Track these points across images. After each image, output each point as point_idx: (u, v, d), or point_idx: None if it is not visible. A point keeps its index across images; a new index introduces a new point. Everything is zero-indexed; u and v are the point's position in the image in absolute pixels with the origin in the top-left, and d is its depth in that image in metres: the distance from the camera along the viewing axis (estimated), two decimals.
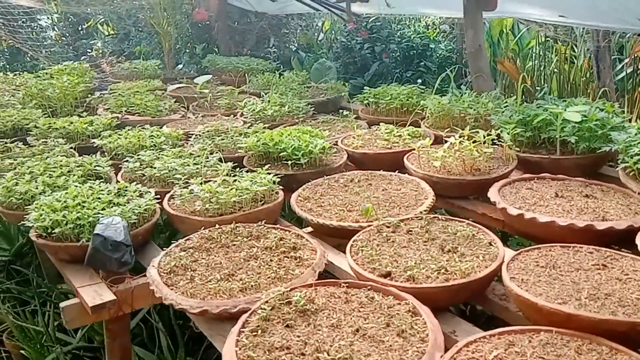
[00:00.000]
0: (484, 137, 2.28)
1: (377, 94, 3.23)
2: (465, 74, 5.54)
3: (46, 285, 3.14)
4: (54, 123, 3.08)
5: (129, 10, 8.79)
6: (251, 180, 2.25)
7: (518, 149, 2.40)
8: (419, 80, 5.49)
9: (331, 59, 6.30)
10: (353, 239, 1.81)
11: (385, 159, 2.58)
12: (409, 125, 2.90)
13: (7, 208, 2.28)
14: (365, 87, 3.39)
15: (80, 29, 11.13)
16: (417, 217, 1.92)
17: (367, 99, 3.27)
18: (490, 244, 1.70)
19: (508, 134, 2.33)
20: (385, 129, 2.85)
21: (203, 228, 1.98)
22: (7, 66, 10.92)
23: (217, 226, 1.99)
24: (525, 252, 1.64)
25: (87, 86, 3.84)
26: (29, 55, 10.28)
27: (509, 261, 1.58)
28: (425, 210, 2.02)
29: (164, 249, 1.96)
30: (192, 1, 7.34)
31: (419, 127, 2.94)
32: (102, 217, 1.96)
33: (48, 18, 11.16)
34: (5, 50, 10.97)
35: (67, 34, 10.79)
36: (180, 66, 7.38)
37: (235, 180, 2.29)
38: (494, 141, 2.33)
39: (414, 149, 2.54)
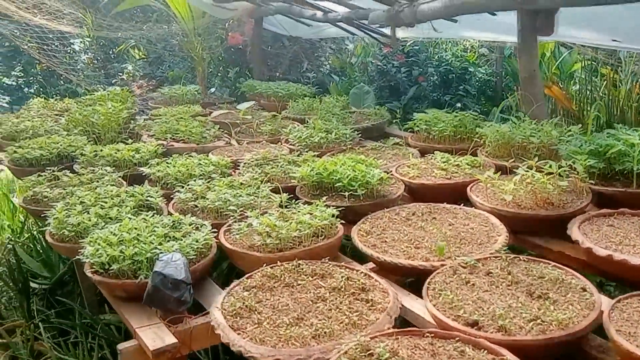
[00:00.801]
0: (557, 169, 2.15)
1: (429, 121, 3.12)
2: (506, 98, 5.41)
3: (89, 316, 3.07)
4: (101, 151, 3.05)
5: (161, 34, 8.91)
6: (310, 214, 2.16)
7: (591, 182, 2.26)
8: (458, 104, 5.39)
9: (365, 83, 6.24)
10: (429, 281, 1.69)
11: (446, 190, 2.47)
12: (464, 154, 2.79)
13: (58, 240, 2.22)
14: (402, 111, 3.31)
15: (111, 52, 11.35)
16: (495, 257, 1.79)
17: (418, 126, 3.16)
18: (584, 290, 1.56)
19: (581, 165, 2.20)
20: (441, 158, 2.74)
21: (265, 265, 1.88)
22: (41, 89, 11.16)
23: (278, 263, 1.89)
24: (624, 300, 1.50)
25: (129, 112, 3.82)
26: (62, 78, 10.47)
27: (609, 310, 1.45)
28: (500, 249, 1.89)
29: (223, 287, 1.88)
30: (225, 26, 7.39)
31: (474, 154, 2.82)
32: (161, 253, 1.88)
33: (81, 42, 11.41)
34: (39, 73, 11.22)
35: (99, 58, 11.00)
36: (212, 90, 7.40)
37: (292, 213, 2.20)
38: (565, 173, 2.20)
39: (476, 180, 2.42)
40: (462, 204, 2.29)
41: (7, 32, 7.53)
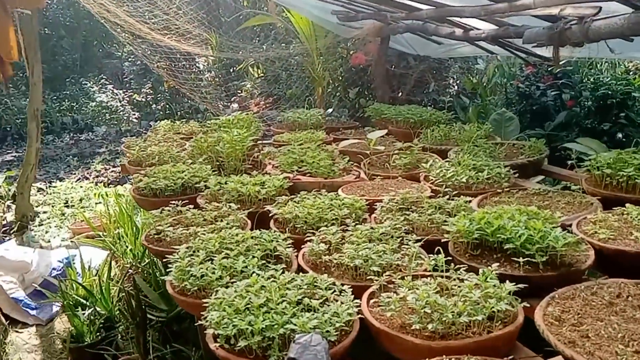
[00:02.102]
0: None
1: (612, 163, 2.50)
2: None
3: None
4: (225, 183, 2.81)
5: (280, 54, 8.91)
6: (477, 286, 1.70)
7: None
8: (619, 135, 4.60)
9: (501, 106, 5.62)
10: None
11: None
12: None
13: (180, 293, 1.95)
14: (546, 139, 2.70)
15: (231, 70, 11.70)
16: None
17: (597, 168, 2.54)
18: None
19: None
20: (638, 214, 2.14)
21: None
22: (167, 106, 11.77)
23: (444, 358, 1.45)
24: None
25: (254, 138, 3.61)
26: (186, 95, 10.91)
27: None
28: None
29: None
30: (347, 45, 7.13)
31: None
32: (297, 332, 1.52)
33: (205, 60, 11.92)
34: (166, 91, 11.87)
35: (220, 76, 11.38)
36: (330, 110, 7.16)
37: (453, 283, 1.75)
38: None
39: None
40: None
41: (139, 51, 7.90)
